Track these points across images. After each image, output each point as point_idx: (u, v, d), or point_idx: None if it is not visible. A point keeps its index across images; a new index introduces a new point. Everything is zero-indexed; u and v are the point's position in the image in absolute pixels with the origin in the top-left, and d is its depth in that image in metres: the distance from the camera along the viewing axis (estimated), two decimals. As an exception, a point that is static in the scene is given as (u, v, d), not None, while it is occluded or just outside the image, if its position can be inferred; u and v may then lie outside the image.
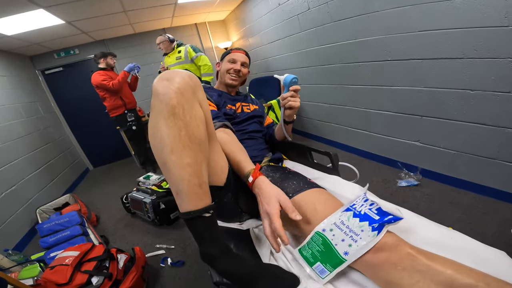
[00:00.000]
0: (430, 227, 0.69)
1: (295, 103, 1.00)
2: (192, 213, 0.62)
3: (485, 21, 1.35)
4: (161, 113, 0.61)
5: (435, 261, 0.54)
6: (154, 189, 2.28)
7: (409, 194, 1.83)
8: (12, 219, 2.30)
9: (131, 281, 1.39)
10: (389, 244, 0.57)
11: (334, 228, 0.63)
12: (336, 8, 2.20)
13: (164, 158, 0.61)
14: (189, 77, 0.66)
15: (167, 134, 0.60)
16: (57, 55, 3.86)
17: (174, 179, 0.62)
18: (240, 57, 1.28)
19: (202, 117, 0.67)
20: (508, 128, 1.42)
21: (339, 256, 0.60)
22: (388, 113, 2.12)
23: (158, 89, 0.62)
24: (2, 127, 2.67)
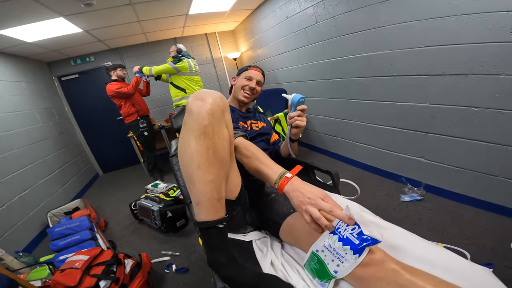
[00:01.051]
0: (420, 244, 0.73)
1: (301, 123, 1.03)
2: (208, 223, 0.69)
3: (491, 37, 1.37)
4: (193, 131, 0.68)
5: (417, 276, 0.58)
6: (161, 197, 2.33)
7: (411, 208, 1.83)
8: (23, 221, 2.38)
9: (137, 286, 1.44)
10: (376, 260, 0.62)
11: (325, 250, 0.68)
12: (343, 23, 2.25)
13: (190, 172, 0.68)
14: (220, 98, 0.73)
15: (196, 151, 0.67)
16: (73, 62, 4.04)
17: (197, 192, 0.69)
18: (256, 75, 1.31)
19: (228, 138, 0.75)
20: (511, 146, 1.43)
21: (330, 274, 0.66)
22: (394, 128, 2.13)
23: (192, 108, 0.69)
24: (19, 132, 2.80)
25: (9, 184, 2.38)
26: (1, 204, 2.21)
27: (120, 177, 4.17)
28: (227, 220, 0.73)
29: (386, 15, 1.86)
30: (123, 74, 3.26)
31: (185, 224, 2.21)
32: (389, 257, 0.63)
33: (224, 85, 4.89)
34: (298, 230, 0.82)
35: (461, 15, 1.46)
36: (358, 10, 2.06)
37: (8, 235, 2.15)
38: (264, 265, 0.80)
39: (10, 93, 2.88)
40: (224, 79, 4.89)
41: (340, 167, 2.78)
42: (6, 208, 2.24)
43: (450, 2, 1.48)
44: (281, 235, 0.91)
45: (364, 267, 0.62)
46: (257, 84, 1.30)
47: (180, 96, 3.20)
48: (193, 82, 3.21)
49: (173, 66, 3.01)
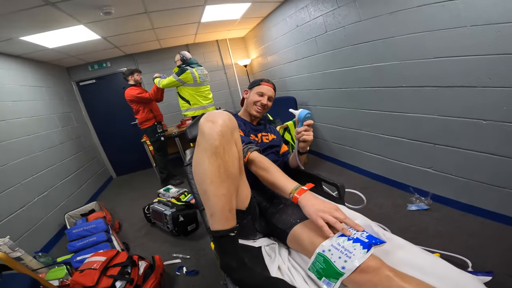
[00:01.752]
0: (416, 253, 0.79)
1: (308, 137, 1.10)
2: (221, 232, 0.78)
3: (500, 49, 1.38)
4: (205, 151, 0.77)
5: (408, 283, 0.64)
6: (173, 202, 2.41)
7: (418, 218, 1.85)
8: (42, 222, 2.49)
9: (150, 287, 1.50)
10: (372, 267, 0.67)
11: (332, 249, 0.74)
12: (352, 33, 2.28)
13: (205, 187, 0.78)
14: (229, 120, 0.81)
15: (208, 169, 0.76)
16: (91, 67, 4.22)
17: (210, 204, 0.78)
18: (268, 90, 1.36)
19: (237, 156, 0.83)
20: None
21: (337, 270, 0.71)
22: (402, 139, 2.15)
23: (204, 129, 0.78)
24: (41, 136, 2.95)
25: (30, 186, 2.51)
26: (22, 205, 2.32)
27: (133, 180, 4.30)
28: (238, 228, 0.81)
29: (395, 26, 1.89)
30: (140, 78, 3.36)
31: (195, 228, 2.28)
32: (384, 265, 0.69)
33: (234, 91, 4.98)
34: (303, 238, 0.88)
35: (471, 26, 1.47)
36: (367, 20, 2.09)
37: (27, 235, 2.24)
38: (272, 269, 0.87)
39: (32, 98, 3.04)
40: (234, 86, 4.98)
41: (348, 175, 2.80)
42: (26, 209, 2.35)
43: (459, 14, 1.49)
44: (288, 242, 0.97)
45: (362, 273, 0.68)
46: (268, 100, 1.36)
47: (186, 108, 3.25)
48: (197, 93, 3.20)
49: (177, 78, 3.04)
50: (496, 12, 1.35)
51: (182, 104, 3.27)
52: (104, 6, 2.27)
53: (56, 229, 2.64)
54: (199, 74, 3.15)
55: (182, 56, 3.17)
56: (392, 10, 1.87)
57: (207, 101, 3.31)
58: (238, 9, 3.26)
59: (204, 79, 3.24)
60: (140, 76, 3.38)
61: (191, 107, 3.21)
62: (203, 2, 2.76)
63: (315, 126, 3.34)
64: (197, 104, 3.21)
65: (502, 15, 1.33)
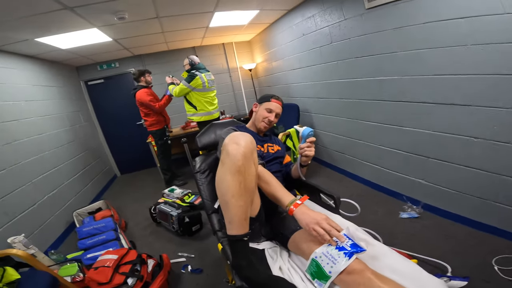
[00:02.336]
0: (396, 259, 0.92)
1: (310, 153, 1.21)
2: (237, 236, 0.93)
3: (496, 69, 1.46)
4: (229, 169, 0.90)
5: (386, 284, 0.76)
6: (179, 203, 2.50)
7: (408, 225, 1.97)
8: (51, 219, 2.56)
9: (158, 284, 1.60)
10: (357, 269, 0.80)
11: (322, 256, 0.88)
12: (357, 45, 2.36)
13: (226, 199, 0.92)
14: (250, 142, 0.95)
15: (231, 185, 0.90)
16: (100, 67, 4.30)
17: (230, 213, 0.92)
18: (276, 108, 1.47)
19: (254, 173, 0.97)
20: (504, 175, 1.57)
21: (326, 273, 0.85)
22: (398, 151, 2.26)
23: (229, 150, 0.91)
24: (51, 135, 3.04)
25: (40, 184, 2.58)
26: (33, 203, 2.39)
27: (137, 179, 4.39)
28: (250, 234, 0.95)
29: (398, 42, 1.97)
30: (151, 79, 3.44)
31: (199, 229, 2.37)
32: (367, 268, 0.81)
33: (238, 94, 5.08)
34: (302, 243, 1.00)
35: (471, 45, 1.54)
36: (372, 34, 2.17)
37: (37, 232, 2.30)
38: (274, 269, 1.00)
39: (44, 97, 3.13)
40: (238, 89, 5.06)
41: (347, 182, 2.90)
42: (36, 207, 2.42)
43: (461, 32, 1.55)
44: (289, 245, 1.10)
45: (349, 274, 0.81)
46: (275, 116, 1.48)
47: (192, 112, 3.31)
48: (204, 98, 3.25)
49: (188, 85, 3.10)
50: (497, 31, 1.41)
51: (188, 108, 3.33)
52: (119, 11, 2.35)
53: (64, 226, 2.72)
54: (207, 79, 3.22)
55: (190, 61, 3.21)
56: (397, 25, 1.94)
57: (212, 106, 3.37)
58: (246, 16, 3.34)
59: (211, 84, 3.30)
60: (151, 77, 3.45)
61: (197, 113, 3.28)
62: (213, 9, 2.84)
63: (317, 134, 3.42)
64: (204, 110, 3.28)
65: (503, 35, 1.39)
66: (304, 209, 0.97)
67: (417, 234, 1.85)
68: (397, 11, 1.91)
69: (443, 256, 1.55)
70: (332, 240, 0.88)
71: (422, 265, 1.49)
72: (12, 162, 2.30)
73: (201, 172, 1.53)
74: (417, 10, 1.77)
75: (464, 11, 1.51)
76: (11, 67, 2.69)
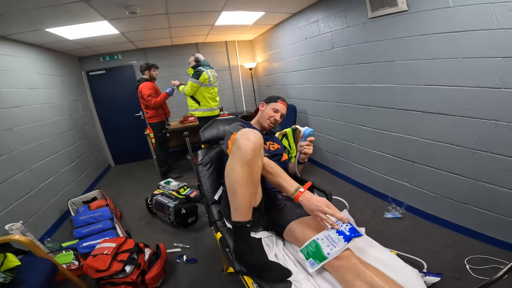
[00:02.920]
0: (379, 249, 1.03)
1: (309, 151, 1.30)
2: (242, 223, 1.01)
3: (482, 82, 1.57)
4: (239, 160, 0.97)
5: (369, 269, 0.85)
6: (175, 195, 2.55)
7: (391, 224, 2.10)
8: (46, 207, 2.56)
9: (155, 272, 1.66)
10: (345, 255, 0.89)
11: (324, 238, 0.96)
12: (357, 52, 2.45)
13: (235, 188, 0.99)
14: (259, 138, 1.02)
15: (241, 175, 0.98)
16: (102, 58, 4.32)
17: (238, 201, 1.00)
18: (282, 108, 1.56)
19: (261, 166, 1.06)
20: (480, 181, 1.70)
21: (323, 255, 0.92)
22: (387, 155, 2.38)
23: (241, 144, 0.98)
24: (50, 123, 3.05)
25: (37, 171, 2.58)
26: (29, 190, 2.39)
27: (131, 171, 4.41)
28: (252, 221, 1.03)
29: (396, 51, 2.06)
30: (155, 74, 3.51)
31: (195, 221, 2.43)
32: (354, 255, 0.91)
33: (237, 92, 5.14)
34: (297, 231, 1.10)
35: (462, 58, 1.64)
36: (372, 42, 2.27)
37: (32, 220, 2.30)
38: (270, 256, 1.09)
39: (47, 86, 3.14)
40: (237, 87, 5.13)
41: (338, 183, 3.02)
42: (32, 194, 2.41)
43: (455, 45, 1.65)
44: (285, 234, 1.19)
45: (337, 259, 0.89)
46: (280, 117, 1.56)
47: (195, 107, 3.38)
48: (208, 94, 3.35)
49: (197, 81, 3.19)
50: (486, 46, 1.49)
51: (191, 103, 3.39)
52: (131, 6, 2.40)
53: (58, 215, 2.72)
54: (212, 75, 3.33)
55: (196, 58, 3.34)
56: (396, 36, 2.04)
57: (215, 103, 3.46)
58: (252, 16, 3.39)
59: (215, 80, 3.42)
60: (156, 72, 3.52)
61: (200, 108, 3.35)
62: (221, 8, 2.89)
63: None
64: (206, 106, 3.36)
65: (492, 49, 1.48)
66: (308, 196, 1.06)
67: (398, 232, 1.98)
68: (397, 22, 2.00)
69: (420, 253, 1.67)
70: (335, 224, 0.96)
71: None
72: (13, 148, 2.31)
73: (203, 165, 1.60)
74: (417, 22, 1.86)
75: (461, 25, 1.60)
76: (17, 56, 2.71)
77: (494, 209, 1.66)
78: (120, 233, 2.22)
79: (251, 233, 1.22)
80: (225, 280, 1.67)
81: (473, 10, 1.53)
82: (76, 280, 1.64)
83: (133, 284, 1.54)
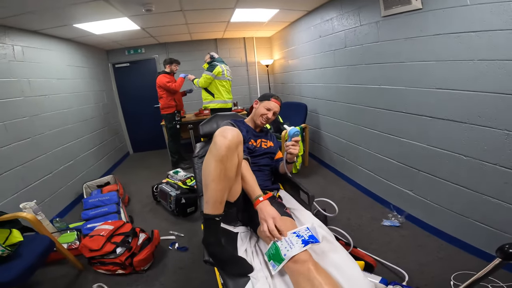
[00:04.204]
0: (343, 257, 1.01)
1: (294, 151, 1.30)
2: (210, 215, 1.04)
3: (498, 87, 1.43)
4: (214, 157, 1.01)
5: (321, 276, 0.85)
6: (180, 184, 2.66)
7: (387, 232, 2.02)
8: (62, 189, 2.78)
9: (144, 255, 1.75)
10: (301, 259, 0.89)
11: (283, 241, 0.98)
12: (369, 52, 2.36)
13: (207, 182, 1.03)
14: (237, 136, 1.05)
15: (213, 170, 1.01)
16: (127, 52, 4.59)
17: (209, 195, 1.04)
18: (275, 107, 1.58)
19: (236, 163, 1.08)
20: (486, 195, 1.58)
21: (281, 256, 0.94)
22: (393, 161, 2.27)
23: (216, 141, 1.01)
24: (77, 110, 3.34)
25: (58, 154, 2.82)
26: (49, 172, 2.61)
27: (147, 158, 4.66)
28: (223, 215, 1.07)
29: (408, 52, 1.95)
30: (176, 69, 3.70)
31: (194, 211, 2.52)
32: (311, 259, 0.90)
33: (253, 88, 5.17)
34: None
35: (477, 61, 1.50)
36: (384, 42, 2.16)
37: (48, 200, 2.50)
38: (240, 250, 1.13)
39: (75, 76, 3.42)
40: (254, 83, 5.15)
41: (342, 185, 2.95)
42: (52, 176, 2.64)
43: (471, 46, 1.52)
44: (258, 232, 1.20)
45: (294, 263, 0.90)
46: (273, 114, 1.58)
47: (209, 100, 3.50)
48: (222, 87, 3.47)
49: (211, 74, 3.33)
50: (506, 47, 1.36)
51: (205, 96, 3.52)
52: (147, 4, 2.53)
53: (73, 197, 2.93)
54: (226, 69, 3.47)
55: (212, 55, 3.49)
56: (409, 35, 1.93)
57: (229, 95, 3.58)
58: (266, 14, 3.39)
59: (229, 74, 3.54)
60: (177, 68, 3.71)
61: (214, 100, 3.48)
62: (233, 5, 2.93)
63: (321, 135, 3.47)
64: (220, 98, 3.48)
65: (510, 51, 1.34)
66: (262, 206, 1.12)
67: (392, 241, 1.91)
68: (411, 21, 1.89)
69: (408, 265, 1.60)
70: (272, 237, 1.02)
71: (383, 270, 1.59)
72: (37, 132, 2.55)
73: (198, 157, 1.68)
74: (431, 21, 1.74)
75: (478, 24, 1.47)
76: (49, 49, 2.97)
77: (496, 225, 1.54)
78: (123, 217, 2.36)
79: (230, 226, 1.28)
80: (210, 269, 1.73)
81: (492, 8, 1.39)
82: (72, 259, 1.76)
83: (121, 265, 1.65)
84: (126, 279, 1.73)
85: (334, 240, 1.10)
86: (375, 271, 1.56)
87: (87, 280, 1.75)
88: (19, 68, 2.45)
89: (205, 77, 3.36)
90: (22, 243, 1.44)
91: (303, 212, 1.32)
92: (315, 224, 1.11)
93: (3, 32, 2.35)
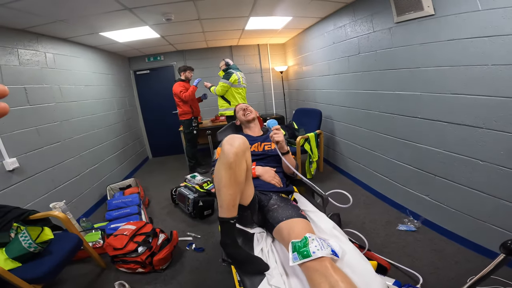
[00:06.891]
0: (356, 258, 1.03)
1: (278, 137, 1.41)
2: (225, 219, 1.11)
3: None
4: (223, 164, 1.09)
5: (337, 274, 0.88)
6: (197, 188, 2.76)
7: (403, 237, 2.02)
8: (88, 191, 2.95)
9: (163, 254, 1.84)
10: (320, 258, 0.93)
11: (315, 238, 1.00)
12: (383, 58, 2.37)
13: (219, 187, 1.11)
14: (243, 143, 1.13)
15: (224, 177, 1.09)
16: (147, 59, 4.82)
17: (221, 199, 1.11)
18: (242, 105, 1.91)
19: (245, 168, 1.16)
20: (503, 199, 1.57)
21: (309, 252, 0.95)
22: (409, 166, 2.26)
23: (224, 149, 1.10)
24: (101, 116, 3.53)
25: (85, 158, 3.01)
26: (77, 174, 2.78)
27: (166, 163, 4.82)
28: (237, 218, 1.14)
29: (422, 58, 1.96)
30: (190, 76, 3.85)
31: (211, 213, 2.60)
32: (328, 259, 0.94)
33: (267, 95, 5.24)
34: (284, 231, 1.16)
35: (491, 65, 1.51)
36: (398, 48, 2.18)
37: (75, 201, 2.64)
38: (256, 250, 1.19)
39: (100, 83, 3.64)
40: (268, 89, 5.23)
41: (357, 190, 2.94)
42: (79, 178, 2.81)
43: (484, 51, 1.52)
44: (274, 233, 1.26)
45: (312, 260, 0.93)
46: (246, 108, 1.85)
47: (225, 107, 3.61)
48: (238, 94, 3.57)
49: (228, 82, 3.45)
50: None
51: (221, 103, 3.63)
52: (167, 13, 2.70)
53: (97, 198, 3.09)
54: (241, 76, 3.57)
55: (226, 62, 3.59)
56: (422, 41, 1.94)
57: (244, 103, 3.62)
58: (280, 21, 3.47)
59: (244, 81, 3.64)
60: (191, 74, 3.85)
61: (230, 107, 3.57)
62: (248, 14, 3.03)
63: (336, 141, 3.48)
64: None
65: None
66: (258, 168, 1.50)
67: (407, 246, 1.91)
68: (423, 27, 1.91)
69: (423, 268, 1.60)
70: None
71: (397, 273, 1.61)
72: (67, 136, 2.74)
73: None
74: (443, 27, 1.76)
75: (490, 29, 1.48)
76: (77, 56, 3.18)
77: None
78: (144, 218, 2.48)
79: (247, 228, 1.35)
80: (224, 270, 1.80)
81: (503, 13, 1.41)
82: (96, 257, 1.88)
83: (141, 264, 1.75)
84: (146, 277, 1.82)
85: (348, 242, 1.13)
86: (389, 274, 1.57)
87: (109, 278, 1.84)
88: (51, 75, 2.61)
89: (222, 85, 3.48)
90: (52, 240, 1.52)
91: (318, 214, 1.37)
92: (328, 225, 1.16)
93: (35, 39, 2.50)
